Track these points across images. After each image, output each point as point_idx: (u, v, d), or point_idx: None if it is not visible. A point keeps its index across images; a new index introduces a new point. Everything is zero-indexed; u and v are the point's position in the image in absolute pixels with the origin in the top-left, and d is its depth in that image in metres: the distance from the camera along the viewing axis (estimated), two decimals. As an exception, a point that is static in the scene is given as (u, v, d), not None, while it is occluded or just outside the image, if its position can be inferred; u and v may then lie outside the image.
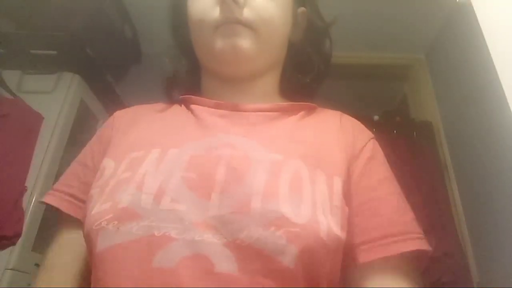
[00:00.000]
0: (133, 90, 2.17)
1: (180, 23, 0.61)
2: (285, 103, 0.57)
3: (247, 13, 0.52)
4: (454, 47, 1.93)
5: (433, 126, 2.04)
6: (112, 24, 1.90)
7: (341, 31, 2.36)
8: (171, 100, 0.61)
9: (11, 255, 1.39)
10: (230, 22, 0.51)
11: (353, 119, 0.62)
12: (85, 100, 1.87)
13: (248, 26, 0.52)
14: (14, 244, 1.39)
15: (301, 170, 0.44)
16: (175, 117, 0.55)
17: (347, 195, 0.46)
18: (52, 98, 1.70)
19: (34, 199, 1.50)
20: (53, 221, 1.83)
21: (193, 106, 0.54)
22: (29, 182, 1.49)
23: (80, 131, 1.83)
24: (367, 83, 2.50)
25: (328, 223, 0.40)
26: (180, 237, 0.37)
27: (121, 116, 0.59)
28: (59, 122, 1.67)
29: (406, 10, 1.94)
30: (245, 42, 0.51)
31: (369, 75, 2.40)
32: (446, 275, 1.59)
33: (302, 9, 0.63)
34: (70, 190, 0.53)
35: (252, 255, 0.36)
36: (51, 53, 1.67)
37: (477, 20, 1.15)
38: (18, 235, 1.39)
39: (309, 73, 0.63)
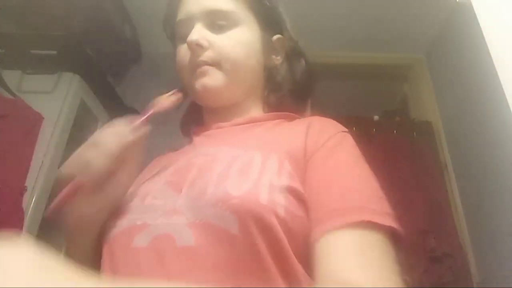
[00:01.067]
0: (133, 90, 2.18)
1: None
2: (258, 115, 0.67)
3: (210, 54, 0.62)
4: (454, 47, 1.93)
5: (433, 126, 2.04)
6: (112, 24, 1.90)
7: (341, 31, 2.36)
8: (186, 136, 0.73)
9: (11, 255, 1.39)
10: (199, 65, 0.61)
11: (326, 119, 0.64)
12: (85, 100, 1.87)
13: (214, 65, 0.61)
14: (14, 244, 1.39)
15: (255, 157, 0.50)
16: (182, 149, 0.69)
17: (302, 178, 0.49)
18: (52, 98, 1.70)
19: (34, 199, 1.50)
20: (53, 221, 1.82)
21: (193, 136, 0.67)
22: (29, 182, 1.49)
23: (80, 131, 1.83)
24: (367, 83, 2.50)
25: (272, 194, 0.44)
26: (153, 223, 0.47)
27: (155, 160, 0.72)
28: (59, 122, 1.67)
29: (406, 10, 1.94)
30: (212, 80, 0.61)
31: (369, 75, 2.40)
32: (446, 275, 1.59)
33: (277, 36, 0.71)
34: None
35: (207, 230, 0.43)
36: (51, 53, 1.67)
37: (477, 20, 1.16)
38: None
39: (287, 93, 0.71)
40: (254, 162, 0.49)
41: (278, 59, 0.71)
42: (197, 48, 0.61)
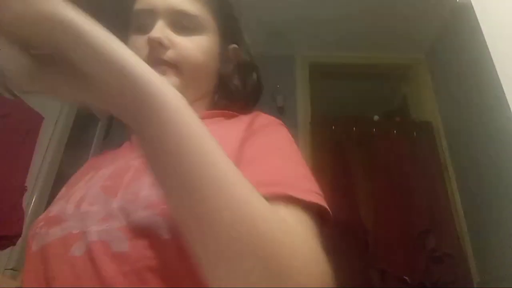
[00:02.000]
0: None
1: None
2: (203, 113, 0.65)
3: (171, 54, 0.60)
4: (454, 47, 1.93)
5: (433, 126, 2.04)
6: (112, 24, 1.90)
7: (341, 31, 2.36)
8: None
9: (11, 255, 1.40)
10: (157, 63, 0.59)
11: (267, 115, 0.62)
12: (85, 100, 1.87)
13: (172, 65, 0.60)
14: (14, 244, 1.39)
15: None
16: (121, 148, 0.65)
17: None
18: (52, 98, 1.70)
19: (34, 199, 1.50)
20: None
21: (131, 135, 0.62)
22: (29, 182, 1.50)
23: (80, 131, 1.84)
24: (367, 83, 2.51)
25: None
26: (87, 230, 0.45)
27: (90, 160, 0.69)
28: (59, 122, 1.67)
29: (406, 11, 1.94)
30: (169, 81, 0.57)
31: (369, 75, 2.40)
32: (446, 275, 1.59)
33: (233, 46, 0.71)
34: None
35: (141, 233, 0.43)
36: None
37: (477, 20, 1.15)
38: (18, 235, 1.39)
39: (237, 102, 0.70)
40: None
41: (230, 68, 0.71)
42: (158, 46, 0.59)
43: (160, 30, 0.60)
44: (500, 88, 1.03)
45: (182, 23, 0.62)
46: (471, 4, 1.22)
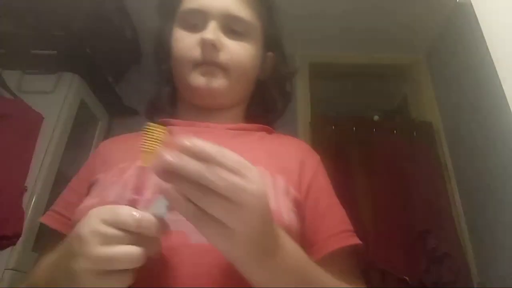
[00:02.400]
0: (133, 90, 2.18)
1: (163, 54, 0.70)
2: (247, 124, 0.69)
3: (222, 56, 0.62)
4: (454, 47, 1.93)
5: (433, 126, 2.04)
6: (112, 24, 1.90)
7: (341, 31, 2.36)
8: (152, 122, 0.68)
9: (11, 255, 1.39)
10: (208, 63, 0.61)
11: (303, 143, 0.71)
12: (85, 100, 1.87)
13: (222, 67, 0.62)
14: (14, 244, 1.39)
15: (265, 175, 0.54)
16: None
17: (300, 203, 0.56)
18: (52, 98, 1.70)
19: (34, 199, 1.50)
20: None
21: (169, 127, 0.61)
22: (29, 182, 1.49)
23: (80, 131, 1.83)
24: (367, 83, 2.51)
25: (289, 215, 0.50)
26: None
27: (105, 145, 0.68)
28: (59, 122, 1.67)
29: (406, 10, 1.94)
30: (218, 82, 0.62)
31: (369, 75, 2.40)
32: (446, 275, 1.59)
33: (270, 54, 0.73)
34: (56, 208, 0.61)
35: None
36: (51, 53, 1.67)
37: (477, 20, 1.15)
38: (18, 235, 1.39)
39: (270, 112, 0.74)
40: (266, 179, 0.53)
41: (265, 75, 0.72)
42: (211, 48, 0.61)
43: (213, 32, 0.61)
44: (500, 88, 1.03)
45: (233, 27, 0.64)
46: (471, 4, 1.22)
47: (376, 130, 1.97)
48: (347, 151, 1.89)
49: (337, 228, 0.56)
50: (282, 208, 0.50)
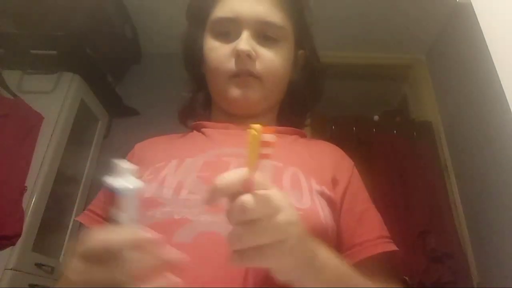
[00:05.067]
0: (133, 90, 2.18)
1: (195, 61, 0.70)
2: (280, 127, 0.69)
3: (257, 66, 0.61)
4: (454, 47, 1.93)
5: (433, 126, 2.04)
6: (112, 24, 1.90)
7: (341, 31, 2.36)
8: (185, 126, 0.72)
9: (11, 255, 1.39)
10: (243, 74, 0.61)
11: (338, 149, 0.72)
12: (85, 100, 1.87)
13: (258, 77, 0.62)
14: (14, 244, 1.39)
15: (298, 174, 0.54)
16: (189, 138, 0.66)
17: (334, 205, 0.56)
18: (52, 98, 1.70)
19: (34, 199, 1.50)
20: (53, 221, 1.82)
21: (203, 129, 0.64)
22: (29, 182, 1.49)
23: (80, 131, 1.83)
24: (367, 83, 2.50)
25: (325, 214, 0.50)
26: (195, 219, 0.45)
27: (140, 146, 0.68)
28: (59, 122, 1.67)
29: (406, 11, 1.94)
30: (254, 92, 0.62)
31: (369, 75, 2.40)
32: (446, 275, 1.59)
33: (301, 51, 0.72)
34: (92, 207, 0.62)
35: None
36: (51, 53, 1.67)
37: (477, 20, 1.15)
38: (18, 235, 1.39)
39: (302, 113, 0.74)
40: (300, 179, 0.53)
41: (298, 74, 0.72)
42: (246, 58, 0.60)
43: (247, 42, 0.60)
44: (500, 88, 1.03)
45: (267, 33, 0.63)
46: (471, 4, 1.22)
47: (376, 130, 1.97)
48: (347, 151, 1.88)
49: (374, 233, 0.56)
50: (318, 207, 0.51)
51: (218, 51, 0.63)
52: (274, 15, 0.63)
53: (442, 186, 1.85)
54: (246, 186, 0.33)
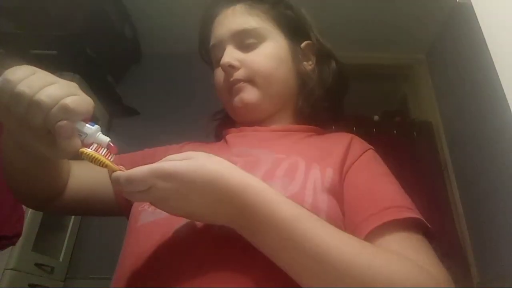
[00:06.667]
0: (133, 90, 2.18)
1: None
2: (294, 126, 0.71)
3: (242, 72, 0.66)
4: (454, 47, 1.93)
5: (433, 126, 2.04)
6: (112, 24, 1.90)
7: (341, 31, 2.35)
8: (219, 134, 0.77)
9: (11, 255, 1.39)
10: (234, 83, 0.66)
11: (359, 138, 0.72)
12: (85, 100, 1.87)
13: (248, 81, 0.66)
14: (14, 244, 1.39)
15: (299, 163, 0.56)
16: (213, 144, 0.73)
17: (340, 184, 0.56)
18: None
19: (34, 199, 1.49)
20: (53, 221, 1.81)
21: (226, 136, 0.70)
22: (29, 182, 1.49)
23: (80, 131, 1.83)
24: (367, 83, 2.50)
25: (315, 197, 0.51)
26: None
27: (148, 149, 0.74)
28: (59, 122, 1.67)
29: (406, 11, 1.94)
30: (249, 95, 0.66)
31: (369, 75, 2.40)
32: (446, 275, 1.59)
33: (306, 42, 0.74)
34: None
35: None
36: (51, 53, 1.67)
37: (477, 20, 1.15)
38: (18, 235, 1.39)
39: (319, 97, 0.72)
40: (299, 167, 0.55)
41: (310, 64, 0.74)
42: (230, 69, 0.65)
43: (229, 54, 0.66)
44: (500, 88, 1.03)
45: (246, 40, 0.67)
46: (471, 4, 1.22)
47: (376, 130, 1.97)
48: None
49: (383, 204, 0.51)
50: (306, 191, 0.51)
51: (216, 76, 0.70)
52: (247, 21, 0.68)
53: (442, 186, 1.85)
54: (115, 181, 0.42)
